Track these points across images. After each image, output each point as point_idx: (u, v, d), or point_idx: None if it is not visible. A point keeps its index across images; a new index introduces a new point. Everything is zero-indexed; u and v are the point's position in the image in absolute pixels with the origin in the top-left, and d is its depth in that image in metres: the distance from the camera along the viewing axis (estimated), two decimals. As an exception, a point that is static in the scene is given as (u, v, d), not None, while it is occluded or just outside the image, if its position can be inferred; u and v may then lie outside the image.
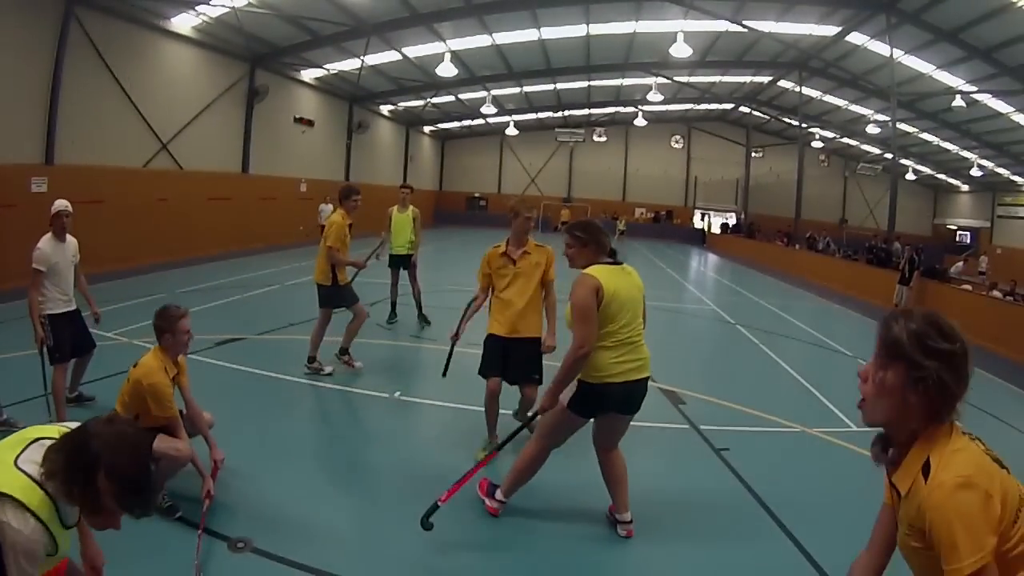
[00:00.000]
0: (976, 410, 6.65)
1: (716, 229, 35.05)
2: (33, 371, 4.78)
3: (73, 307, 4.78)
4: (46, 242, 4.59)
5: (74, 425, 1.80)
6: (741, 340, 9.71)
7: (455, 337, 4.80)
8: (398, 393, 5.85)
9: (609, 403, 3.35)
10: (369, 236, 22.00)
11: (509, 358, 4.48)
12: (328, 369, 6.27)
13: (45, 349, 4.59)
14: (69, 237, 4.75)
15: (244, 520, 3.48)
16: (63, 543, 1.76)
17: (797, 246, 24.01)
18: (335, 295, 6.30)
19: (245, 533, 3.31)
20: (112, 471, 1.62)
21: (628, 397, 3.34)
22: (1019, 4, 13.07)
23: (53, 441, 1.73)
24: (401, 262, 8.58)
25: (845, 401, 6.45)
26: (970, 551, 1.32)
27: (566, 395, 3.35)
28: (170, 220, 13.79)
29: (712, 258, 26.57)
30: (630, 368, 3.29)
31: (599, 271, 3.24)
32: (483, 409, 4.62)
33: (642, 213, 36.12)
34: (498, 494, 3.72)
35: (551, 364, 4.12)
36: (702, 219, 36.06)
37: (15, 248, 9.85)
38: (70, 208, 4.72)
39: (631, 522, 3.62)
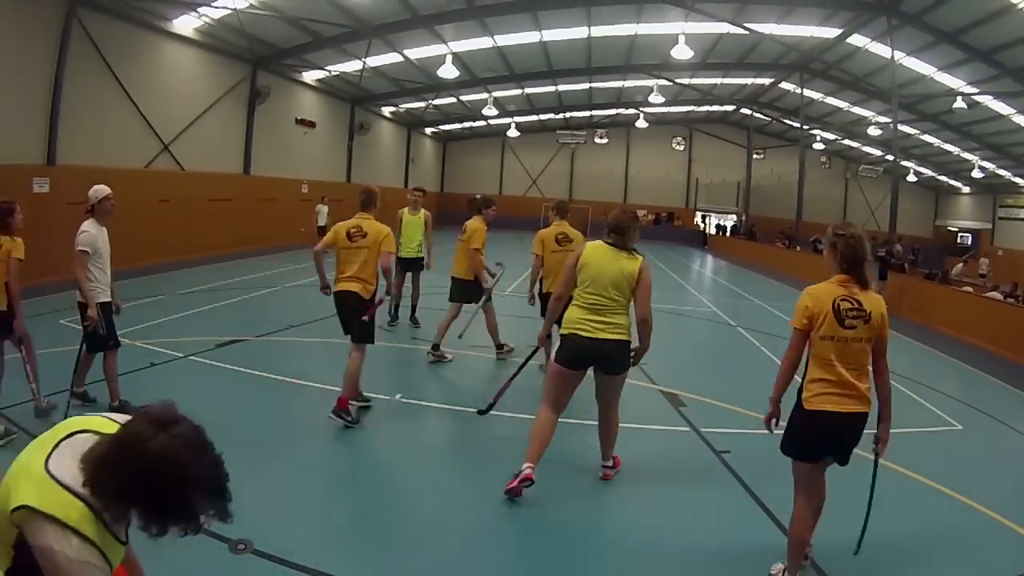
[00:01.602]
0: (976, 411, 6.65)
1: (711, 231, 35.06)
2: (45, 369, 4.77)
3: (110, 297, 4.79)
4: (91, 225, 4.59)
5: (118, 418, 1.50)
6: (742, 343, 9.70)
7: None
8: (399, 396, 5.85)
9: (583, 356, 4.00)
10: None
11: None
12: (450, 356, 6.98)
13: (95, 335, 4.58)
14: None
15: (244, 521, 3.47)
16: (115, 559, 1.45)
17: (798, 248, 23.99)
18: (472, 290, 6.90)
19: (245, 535, 3.30)
20: (190, 482, 1.35)
21: (600, 354, 3.98)
22: (1020, 6, 13.06)
23: (95, 439, 1.41)
24: (409, 265, 8.56)
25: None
26: (794, 319, 3.13)
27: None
28: (172, 221, 13.80)
29: (713, 260, 26.55)
30: (595, 327, 3.95)
31: (589, 246, 4.13)
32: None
33: (643, 215, 36.14)
34: (525, 467, 3.90)
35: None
36: (703, 221, 36.07)
37: (17, 249, 9.88)
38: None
39: (612, 467, 4.35)
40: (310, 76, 19.87)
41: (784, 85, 24.85)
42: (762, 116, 29.95)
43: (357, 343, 5.01)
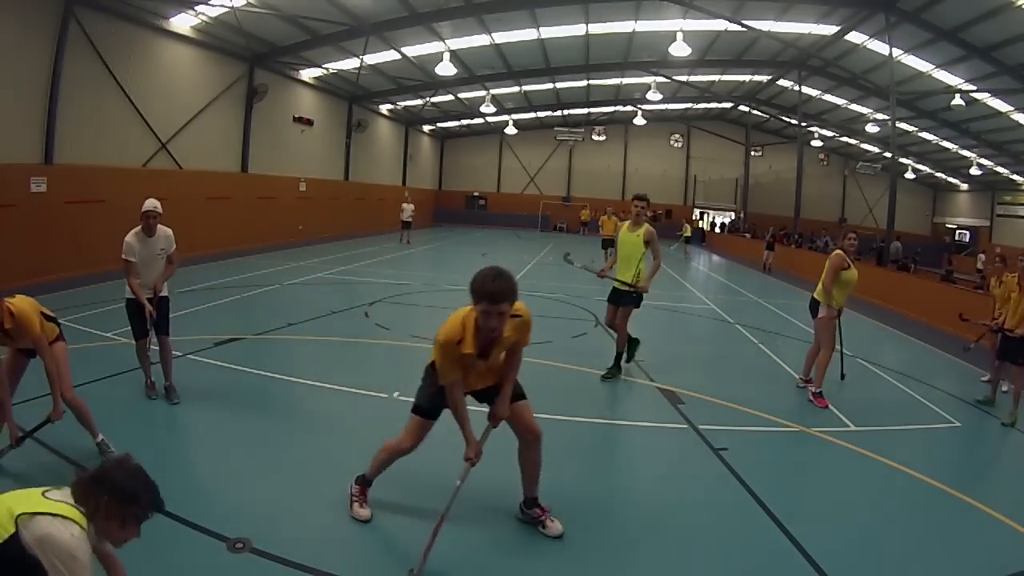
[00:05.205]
0: (974, 408, 6.66)
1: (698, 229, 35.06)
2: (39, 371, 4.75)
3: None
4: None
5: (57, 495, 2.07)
6: (740, 339, 9.70)
7: None
8: (397, 393, 5.84)
9: None
10: (371, 235, 21.83)
11: None
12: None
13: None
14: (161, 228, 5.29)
15: (243, 520, 3.48)
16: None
17: (794, 245, 24.01)
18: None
19: (244, 533, 3.31)
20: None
21: None
22: (1018, 3, 13.07)
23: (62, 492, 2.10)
24: None
25: (844, 400, 6.46)
26: None
27: None
28: (169, 220, 13.58)
29: (712, 257, 26.56)
30: None
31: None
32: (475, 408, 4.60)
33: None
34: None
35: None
36: (701, 218, 36.11)
37: (15, 248, 9.85)
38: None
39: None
40: (307, 74, 19.84)
41: (782, 82, 24.85)
42: (760, 113, 29.95)
43: None
